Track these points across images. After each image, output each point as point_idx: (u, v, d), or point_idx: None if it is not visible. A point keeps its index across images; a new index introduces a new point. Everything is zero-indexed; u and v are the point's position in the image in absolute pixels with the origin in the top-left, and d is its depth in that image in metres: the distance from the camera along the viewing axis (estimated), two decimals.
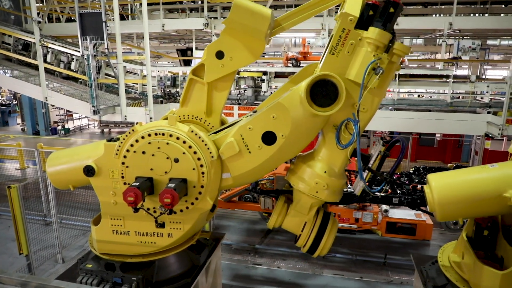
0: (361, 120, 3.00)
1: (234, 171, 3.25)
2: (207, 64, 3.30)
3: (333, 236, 3.47)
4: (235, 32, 3.13)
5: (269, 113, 3.03)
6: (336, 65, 2.91)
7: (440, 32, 11.45)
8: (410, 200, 7.13)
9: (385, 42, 2.78)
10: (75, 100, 9.20)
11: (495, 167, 3.29)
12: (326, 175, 3.19)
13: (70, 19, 16.98)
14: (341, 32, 2.86)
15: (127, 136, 3.20)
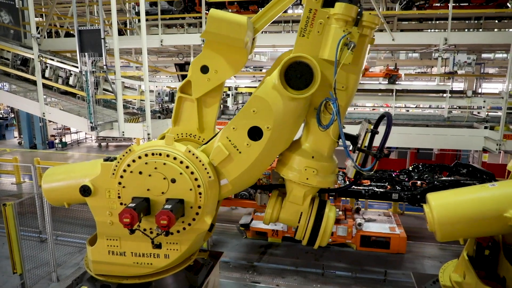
0: (341, 99, 2.95)
1: (230, 175, 3.19)
2: (193, 80, 3.30)
3: (331, 224, 3.36)
4: (216, 45, 3.13)
5: (249, 108, 2.98)
6: (308, 46, 2.88)
7: (436, 47, 11.57)
8: (410, 195, 7.10)
9: (353, 16, 2.75)
10: (73, 116, 9.17)
11: (494, 186, 3.27)
12: (314, 160, 3.12)
13: (70, 34, 17.11)
14: (308, 13, 2.85)
15: (124, 156, 3.18)
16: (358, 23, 2.77)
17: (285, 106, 2.89)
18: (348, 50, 2.71)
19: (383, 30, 10.87)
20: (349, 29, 2.74)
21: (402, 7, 12.58)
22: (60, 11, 20.63)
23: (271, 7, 3.16)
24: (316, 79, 2.79)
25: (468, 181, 7.10)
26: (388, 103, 10.32)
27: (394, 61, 19.90)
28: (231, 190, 3.31)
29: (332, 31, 2.78)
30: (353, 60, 2.80)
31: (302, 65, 2.79)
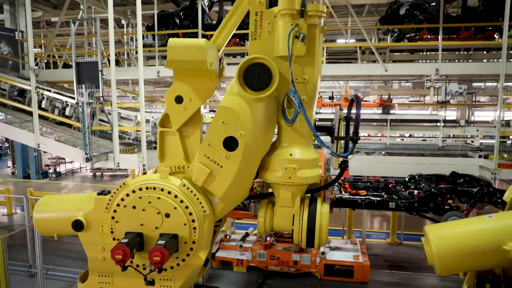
0: (305, 91, 2.95)
1: (218, 192, 3.13)
2: (170, 112, 3.30)
3: (326, 220, 3.25)
4: (183, 72, 3.15)
5: (217, 121, 2.96)
6: (262, 47, 2.90)
7: (428, 77, 11.82)
8: (407, 203, 6.98)
9: (297, 8, 2.78)
10: (68, 147, 9.16)
11: (492, 218, 3.25)
12: (292, 157, 3.06)
13: (67, 64, 17.34)
14: (255, 16, 2.90)
15: (118, 190, 3.14)
16: (304, 14, 2.81)
17: (251, 109, 2.89)
18: (299, 42, 2.75)
19: (376, 61, 11.13)
20: (296, 21, 2.78)
21: (393, 39, 12.96)
22: (59, 41, 21.02)
23: (225, 23, 3.22)
24: (274, 77, 2.81)
25: (465, 188, 7.01)
26: (383, 133, 10.40)
27: (387, 90, 20.23)
28: (224, 207, 3.23)
29: (281, 27, 2.83)
30: (307, 51, 2.83)
31: (258, 66, 2.82)
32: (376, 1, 17.97)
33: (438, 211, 6.95)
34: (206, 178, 3.06)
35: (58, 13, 17.30)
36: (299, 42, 2.76)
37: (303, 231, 3.23)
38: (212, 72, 3.10)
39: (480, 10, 11.32)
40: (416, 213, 7.07)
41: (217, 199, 3.16)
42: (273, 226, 3.37)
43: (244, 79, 2.85)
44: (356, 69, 11.78)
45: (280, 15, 2.81)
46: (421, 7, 11.47)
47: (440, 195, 6.89)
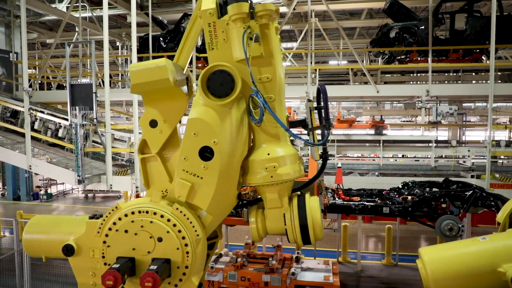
0: (270, 90, 2.96)
1: (203, 204, 3.07)
2: (147, 138, 3.29)
3: (317, 213, 3.15)
4: (151, 95, 3.14)
5: (189, 133, 2.94)
6: (220, 56, 2.93)
7: (419, 98, 12.02)
8: (401, 208, 6.93)
9: (246, 11, 2.81)
10: (60, 168, 9.07)
11: (485, 239, 3.25)
12: (270, 156, 3.02)
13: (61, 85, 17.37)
14: (208, 27, 2.93)
15: (110, 213, 3.09)
16: (254, 15, 2.86)
17: (220, 116, 2.90)
18: (253, 43, 2.80)
19: (368, 82, 11.32)
20: (247, 24, 2.83)
21: (384, 61, 13.23)
22: (54, 62, 21.13)
23: (184, 42, 3.25)
24: (236, 81, 2.84)
25: (458, 192, 7.02)
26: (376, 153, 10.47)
27: (379, 111, 20.47)
28: (213, 219, 3.15)
29: (234, 33, 2.88)
30: (265, 51, 2.88)
31: (219, 73, 2.85)
32: (367, 24, 18.46)
33: (432, 216, 6.95)
34: (189, 192, 3.03)
35: (53, 35, 17.49)
36: (253, 43, 2.81)
37: (296, 229, 3.14)
38: (179, 90, 3.11)
39: (467, 34, 11.64)
40: (411, 218, 7.05)
41: (204, 212, 3.12)
42: (267, 230, 3.31)
43: (207, 89, 2.88)
44: (348, 91, 11.96)
45: (232, 21, 2.86)
46: (410, 30, 11.78)
47: (433, 199, 6.91)
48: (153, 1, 14.42)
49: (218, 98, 2.86)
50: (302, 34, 16.86)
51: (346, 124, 13.41)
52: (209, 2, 2.96)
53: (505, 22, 11.34)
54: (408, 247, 10.88)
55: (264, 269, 8.04)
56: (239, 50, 2.86)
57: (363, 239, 12.40)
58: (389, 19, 12.89)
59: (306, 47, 12.66)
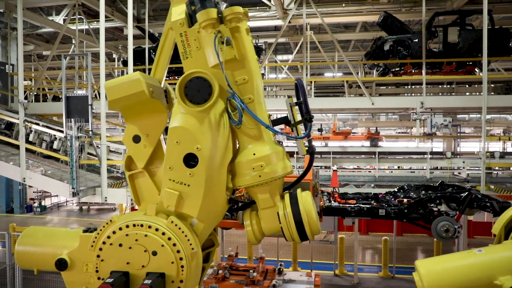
0: (248, 91, 2.99)
1: (193, 212, 3.04)
2: (132, 154, 3.28)
3: (310, 207, 3.12)
4: (130, 111, 3.15)
5: (171, 143, 2.94)
6: (195, 64, 2.96)
7: (413, 110, 12.11)
8: (397, 210, 6.94)
9: (214, 16, 2.84)
10: (54, 181, 9.00)
11: (481, 252, 3.25)
12: (257, 156, 3.02)
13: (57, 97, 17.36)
14: (180, 38, 2.97)
15: (104, 227, 3.07)
16: (223, 20, 2.91)
17: (200, 122, 2.91)
18: (225, 46, 2.84)
19: (363, 94, 11.41)
20: (217, 29, 2.87)
21: (379, 73, 13.37)
22: (50, 74, 21.15)
23: (159, 56, 3.29)
24: (213, 86, 2.86)
25: (454, 193, 7.05)
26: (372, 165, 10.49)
27: (375, 122, 20.56)
28: (205, 227, 3.13)
29: (206, 39, 2.92)
30: (238, 53, 2.92)
31: (195, 79, 2.88)
32: (362, 37, 18.69)
33: (428, 219, 6.97)
34: (177, 201, 3.01)
35: (50, 47, 17.54)
36: (225, 47, 2.85)
37: (292, 226, 3.12)
38: (157, 102, 3.12)
39: (460, 46, 11.81)
40: (407, 220, 7.07)
41: (195, 220, 3.10)
42: (263, 231, 3.28)
43: (186, 96, 2.90)
44: (343, 103, 12.04)
45: (202, 28, 2.90)
46: (404, 43, 11.94)
47: (429, 201, 6.93)
48: (149, 14, 14.57)
49: (197, 104, 2.88)
50: (297, 47, 17.02)
51: (341, 136, 13.47)
52: (178, 13, 3.02)
53: (497, 35, 11.53)
54: (405, 259, 10.83)
55: (245, 281, 7.97)
56: (213, 55, 2.89)
57: (360, 251, 12.34)
58: (383, 32, 13.07)
59: (302, 59, 12.78)
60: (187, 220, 3.08)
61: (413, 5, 13.39)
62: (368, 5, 14.13)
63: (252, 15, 14.57)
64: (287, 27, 15.12)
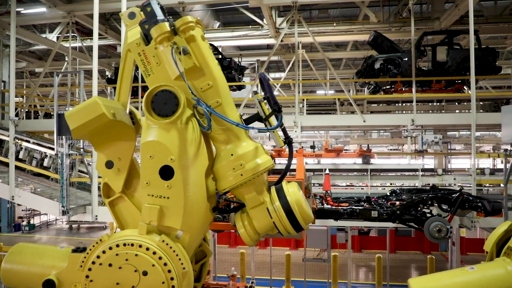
0: (215, 95, 3.03)
1: (176, 224, 3.02)
2: (108, 180, 3.27)
3: (298, 196, 3.12)
4: (95, 137, 3.16)
5: (145, 158, 2.95)
6: (158, 79, 2.99)
7: (404, 127, 12.25)
8: (390, 211, 6.94)
9: (167, 29, 2.91)
10: (44, 199, 8.87)
11: (474, 269, 3.26)
12: (234, 156, 3.05)
13: (49, 114, 17.26)
14: (139, 57, 3.04)
15: (94, 246, 3.02)
16: (176, 31, 2.98)
17: (171, 133, 2.92)
18: (183, 56, 2.92)
19: (354, 112, 11.53)
20: (173, 41, 2.94)
21: (370, 91, 13.55)
22: (42, 91, 21.09)
23: (121, 79, 3.33)
24: (179, 97, 2.88)
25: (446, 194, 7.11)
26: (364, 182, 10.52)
27: (367, 140, 20.72)
28: (191, 237, 3.10)
29: (163, 53, 2.98)
30: (197, 60, 2.98)
31: (160, 93, 2.91)
32: (353, 56, 19.02)
33: (420, 220, 7.05)
34: (159, 215, 2.99)
35: (42, 64, 17.55)
36: (183, 56, 2.92)
37: (283, 218, 3.11)
38: (120, 122, 3.13)
39: (449, 65, 12.07)
40: (399, 222, 7.11)
41: (180, 232, 3.07)
42: (257, 230, 3.24)
43: (153, 111, 2.93)
44: (335, 120, 12.14)
45: (158, 44, 2.96)
46: (394, 61, 12.16)
47: (421, 202, 6.99)
48: None
49: (166, 117, 2.90)
50: (289, 65, 17.23)
51: (334, 153, 13.54)
52: (133, 34, 3.10)
53: (483, 54, 11.82)
54: (399, 276, 10.76)
55: None
56: (173, 67, 2.94)
57: (353, 269, 12.24)
58: (373, 51, 13.31)
59: (294, 77, 12.92)
60: (171, 234, 3.06)
61: (402, 24, 13.71)
62: (359, 24, 14.44)
63: (245, 33, 14.78)
64: (280, 45, 15.35)
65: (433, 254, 13.98)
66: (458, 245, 12.41)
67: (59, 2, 11.85)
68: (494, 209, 6.82)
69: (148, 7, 3.03)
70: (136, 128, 3.41)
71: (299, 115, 11.17)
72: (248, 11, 14.11)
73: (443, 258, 14.89)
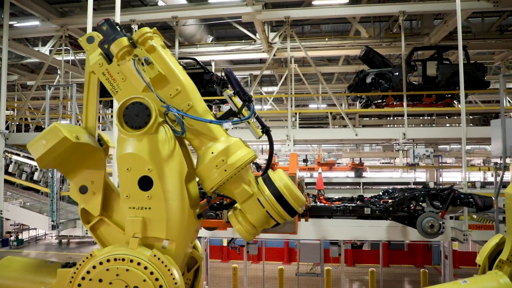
0: (185, 98, 3.05)
1: (161, 233, 2.97)
2: (85, 205, 3.25)
3: (286, 181, 3.08)
4: (63, 165, 3.15)
5: (122, 171, 2.94)
6: (127, 95, 3.00)
7: (396, 141, 12.36)
8: (383, 208, 7.04)
9: (126, 43, 2.96)
10: (33, 213, 8.75)
11: (466, 283, 3.26)
12: (214, 154, 3.01)
13: (40, 127, 17.12)
14: (104, 77, 3.07)
15: (84, 261, 2.96)
16: (135, 44, 3.03)
17: (145, 143, 2.93)
18: (149, 66, 2.96)
19: (347, 125, 11.62)
20: (133, 54, 2.98)
21: (362, 105, 13.70)
22: (34, 104, 20.95)
23: (86, 103, 3.33)
24: (150, 108, 2.89)
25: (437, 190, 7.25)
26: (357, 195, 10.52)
27: (359, 153, 20.82)
28: (178, 246, 3.04)
29: (127, 68, 3.01)
30: (161, 68, 3.01)
31: (131, 106, 2.92)
32: (344, 70, 19.27)
33: (413, 216, 7.10)
34: (142, 227, 2.95)
35: (34, 77, 17.48)
36: (146, 67, 2.95)
37: (275, 204, 3.06)
38: (86, 144, 3.11)
39: (439, 80, 12.28)
40: (392, 219, 7.15)
41: (166, 241, 3.03)
42: (253, 224, 3.16)
43: (126, 124, 2.93)
44: (328, 134, 12.22)
45: (120, 59, 3.00)
46: (385, 76, 12.34)
47: (413, 199, 7.05)
48: None
49: (139, 129, 2.90)
50: (282, 79, 17.40)
51: (326, 166, 13.59)
52: (94, 56, 3.14)
53: (472, 69, 12.06)
54: None
55: None
56: (139, 79, 2.96)
57: (347, 283, 12.15)
58: (365, 65, 13.51)
59: (287, 91, 13.03)
60: (156, 244, 3.01)
61: (393, 40, 13.98)
62: (350, 39, 14.69)
63: (238, 48, 14.93)
64: (272, 60, 15.51)
65: (426, 268, 13.97)
66: (451, 259, 12.43)
67: (52, 16, 11.90)
68: (485, 205, 6.98)
69: (104, 26, 3.08)
70: (105, 150, 3.41)
71: (292, 129, 11.22)
72: (241, 25, 14.29)
73: (436, 272, 14.87)
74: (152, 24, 14.92)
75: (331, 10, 11.79)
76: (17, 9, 12.58)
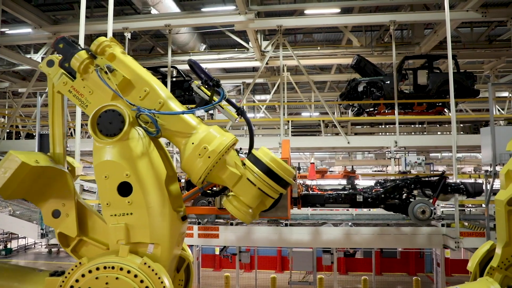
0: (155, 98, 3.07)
1: (145, 238, 2.96)
2: (61, 229, 3.21)
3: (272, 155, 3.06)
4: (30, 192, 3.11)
5: (100, 179, 2.93)
6: (97, 106, 3.00)
7: (388, 149, 12.45)
8: (375, 195, 7.21)
9: (85, 56, 2.99)
10: (22, 221, 8.60)
11: None
12: (195, 143, 3.01)
13: (31, 135, 16.96)
14: (71, 94, 3.09)
15: (72, 270, 2.92)
16: (94, 54, 3.06)
17: (121, 149, 2.92)
18: (114, 73, 2.98)
19: (339, 133, 11.69)
20: (94, 64, 3.02)
21: (354, 113, 13.80)
22: (25, 112, 20.77)
23: (52, 124, 3.28)
24: (123, 113, 2.91)
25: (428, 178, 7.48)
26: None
27: (351, 161, 20.90)
28: (163, 248, 3.01)
29: (92, 79, 3.04)
30: (126, 72, 3.04)
31: (103, 114, 2.93)
32: (337, 79, 19.46)
33: (404, 203, 7.14)
34: (125, 233, 2.93)
35: (26, 84, 17.36)
36: (110, 74, 2.97)
37: (265, 179, 3.04)
38: (47, 167, 3.07)
39: (429, 88, 12.44)
40: (384, 207, 7.21)
41: (151, 246, 3.01)
42: (248, 205, 3.14)
43: (100, 132, 2.93)
44: (320, 142, 12.26)
45: (83, 73, 3.02)
46: (377, 84, 12.47)
47: (405, 186, 7.10)
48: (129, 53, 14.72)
49: (114, 136, 2.91)
50: (275, 87, 17.50)
51: (319, 174, 13.61)
52: (56, 76, 3.15)
53: (462, 78, 12.25)
54: None
55: None
56: (105, 88, 2.98)
57: None
58: (357, 74, 13.64)
59: (279, 99, 13.09)
60: (143, 249, 2.99)
61: (384, 49, 14.16)
62: (342, 48, 14.84)
63: (231, 56, 14.99)
64: (265, 68, 15.61)
65: (419, 276, 13.99)
66: (443, 266, 12.46)
67: (45, 23, 11.87)
68: (476, 191, 7.12)
69: (60, 44, 3.11)
70: (71, 172, 3.38)
71: (284, 137, 11.24)
72: (234, 34, 14.37)
73: (429, 280, 14.90)
74: (145, 32, 14.96)
75: (323, 19, 11.93)
76: (9, 16, 12.53)
